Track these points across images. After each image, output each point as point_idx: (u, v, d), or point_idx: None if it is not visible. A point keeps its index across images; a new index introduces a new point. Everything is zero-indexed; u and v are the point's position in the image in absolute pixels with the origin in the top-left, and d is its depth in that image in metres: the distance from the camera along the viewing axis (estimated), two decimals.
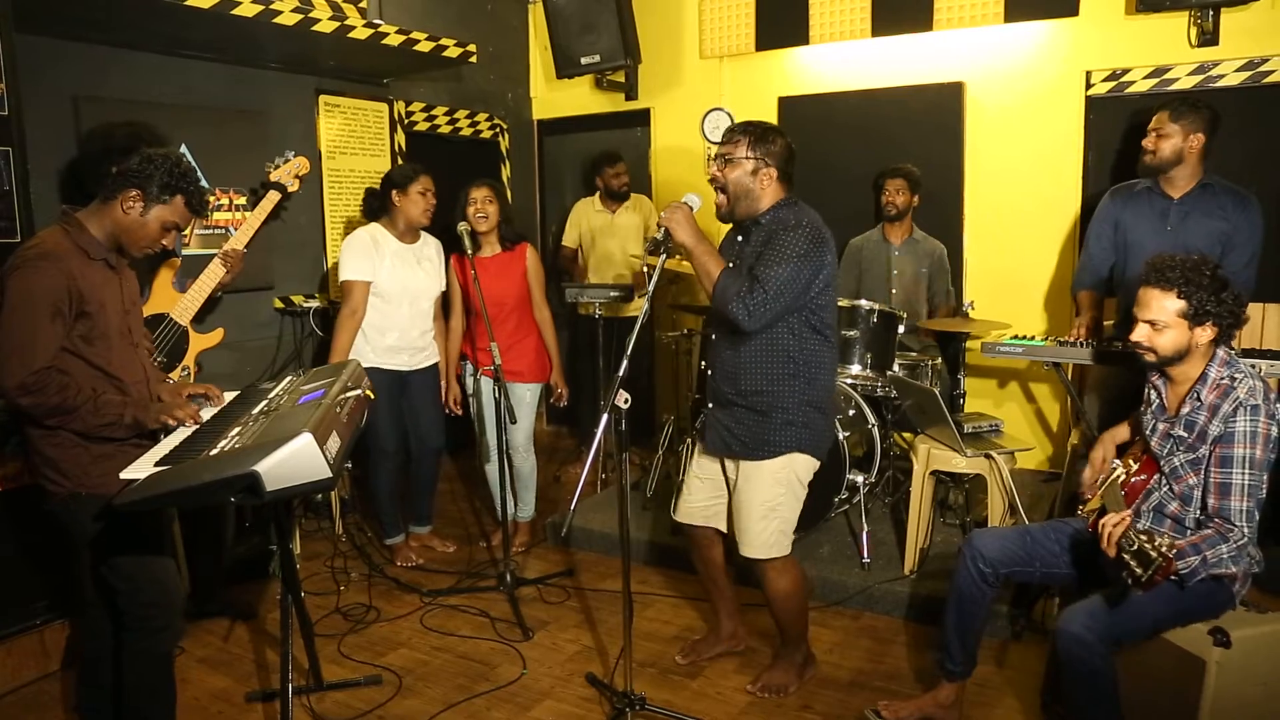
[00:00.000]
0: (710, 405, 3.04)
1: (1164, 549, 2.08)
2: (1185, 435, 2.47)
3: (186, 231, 2.83)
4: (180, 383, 2.86)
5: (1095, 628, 2.36)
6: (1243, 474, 2.34)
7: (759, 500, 2.92)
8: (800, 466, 2.94)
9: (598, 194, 5.63)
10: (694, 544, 3.26)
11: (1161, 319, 2.45)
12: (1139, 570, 2.09)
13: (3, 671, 3.14)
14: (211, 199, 4.32)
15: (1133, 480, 2.64)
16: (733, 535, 3.07)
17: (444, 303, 4.21)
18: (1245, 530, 2.32)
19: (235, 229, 4.35)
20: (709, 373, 3.05)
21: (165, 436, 2.46)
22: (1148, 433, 2.63)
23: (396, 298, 3.96)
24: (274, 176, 4.11)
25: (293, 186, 4.14)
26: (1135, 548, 2.10)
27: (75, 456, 2.41)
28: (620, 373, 2.59)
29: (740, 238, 2.95)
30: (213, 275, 3.68)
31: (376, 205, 4.02)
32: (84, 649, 2.74)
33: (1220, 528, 2.35)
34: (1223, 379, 2.43)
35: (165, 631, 2.52)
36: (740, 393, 2.90)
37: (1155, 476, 2.58)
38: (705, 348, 3.11)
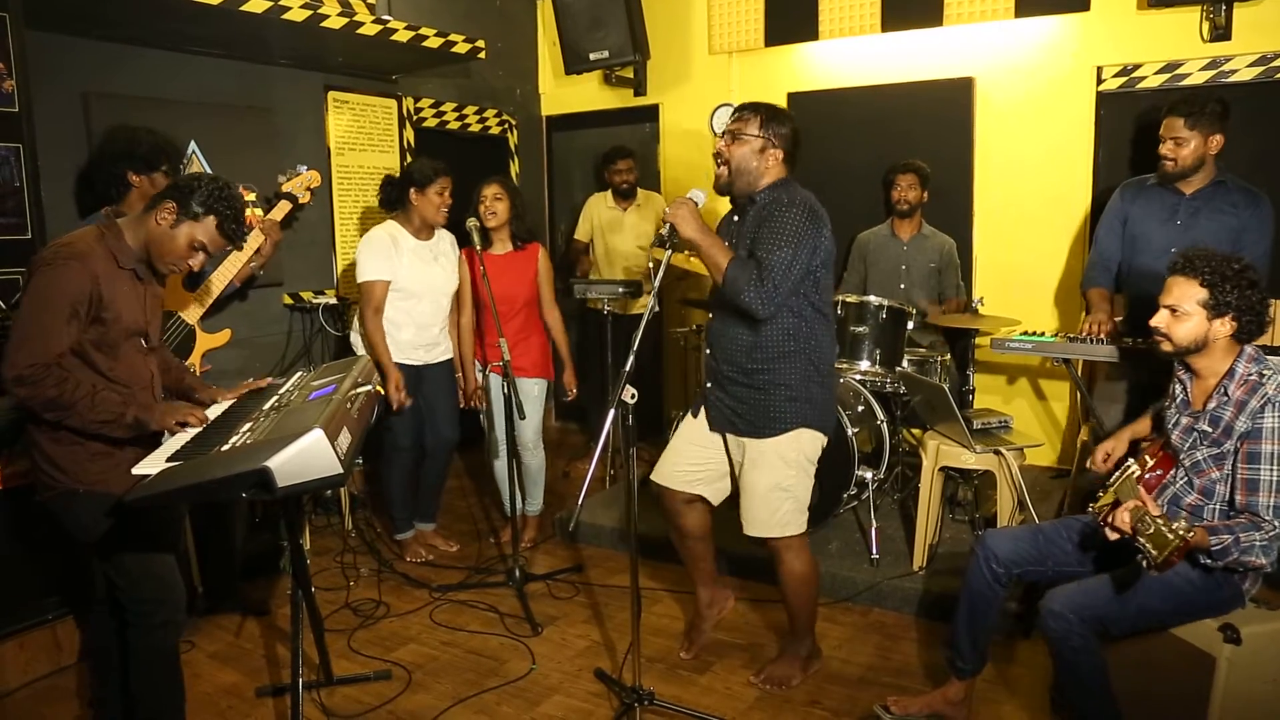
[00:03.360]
0: (710, 384, 3.05)
1: (1181, 530, 2.07)
2: (1210, 430, 2.46)
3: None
4: (217, 389, 2.86)
5: (1073, 607, 2.38)
6: (1272, 470, 2.33)
7: (769, 481, 2.93)
8: (807, 444, 2.96)
9: (610, 189, 5.63)
10: (669, 511, 3.20)
11: (1182, 306, 2.45)
12: (1154, 551, 2.09)
13: (16, 665, 3.16)
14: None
15: (1147, 476, 2.63)
16: (738, 518, 3.06)
17: (455, 297, 4.22)
18: (1277, 524, 2.30)
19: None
20: (708, 352, 3.06)
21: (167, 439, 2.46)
22: (1169, 426, 2.61)
23: (418, 294, 3.98)
24: (286, 188, 4.13)
25: (304, 198, 4.16)
26: (1152, 530, 2.10)
27: (73, 454, 2.41)
28: (627, 368, 2.60)
29: (736, 217, 2.96)
30: (223, 276, 3.69)
31: (395, 196, 4.01)
32: (93, 644, 2.75)
33: (1250, 519, 2.33)
34: (1251, 375, 2.42)
35: (167, 626, 2.53)
36: (743, 371, 2.92)
37: (1173, 471, 2.57)
38: (706, 328, 3.12)
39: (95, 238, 2.42)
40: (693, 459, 3.14)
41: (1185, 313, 2.45)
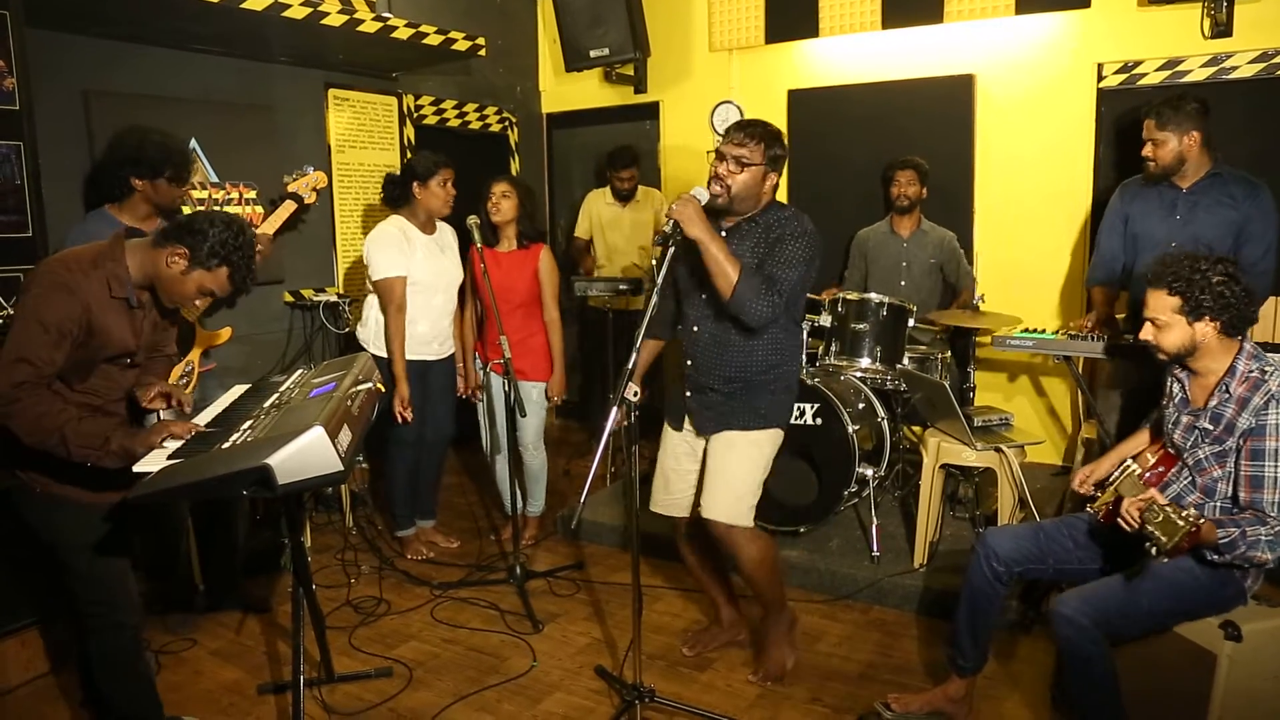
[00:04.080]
0: (689, 394, 3.07)
1: (1190, 517, 2.08)
2: (1211, 428, 2.46)
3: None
4: (169, 386, 2.75)
5: (1087, 611, 2.37)
6: (1275, 467, 2.33)
7: (742, 471, 2.97)
8: (776, 441, 3.05)
9: (609, 187, 5.63)
10: (683, 535, 3.27)
11: (1161, 317, 2.47)
12: (1164, 538, 2.09)
13: (18, 663, 3.17)
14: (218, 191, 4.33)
15: (1148, 475, 2.63)
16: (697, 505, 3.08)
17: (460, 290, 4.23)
18: None
19: None
20: (689, 363, 3.07)
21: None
22: (1169, 426, 2.61)
23: (430, 288, 3.98)
24: (291, 188, 4.13)
25: (310, 199, 4.16)
26: (1161, 518, 2.10)
27: (34, 455, 2.34)
28: (629, 365, 2.60)
29: (723, 231, 2.93)
30: None
31: (397, 193, 4.00)
32: (78, 646, 2.76)
33: (1255, 515, 2.34)
34: (1252, 372, 2.42)
35: (120, 629, 2.52)
36: (726, 380, 2.96)
37: (1175, 469, 2.57)
38: (684, 338, 3.11)
39: (94, 262, 2.37)
40: (686, 480, 3.16)
41: (1165, 323, 2.46)
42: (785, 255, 2.79)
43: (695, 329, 3.02)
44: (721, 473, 2.98)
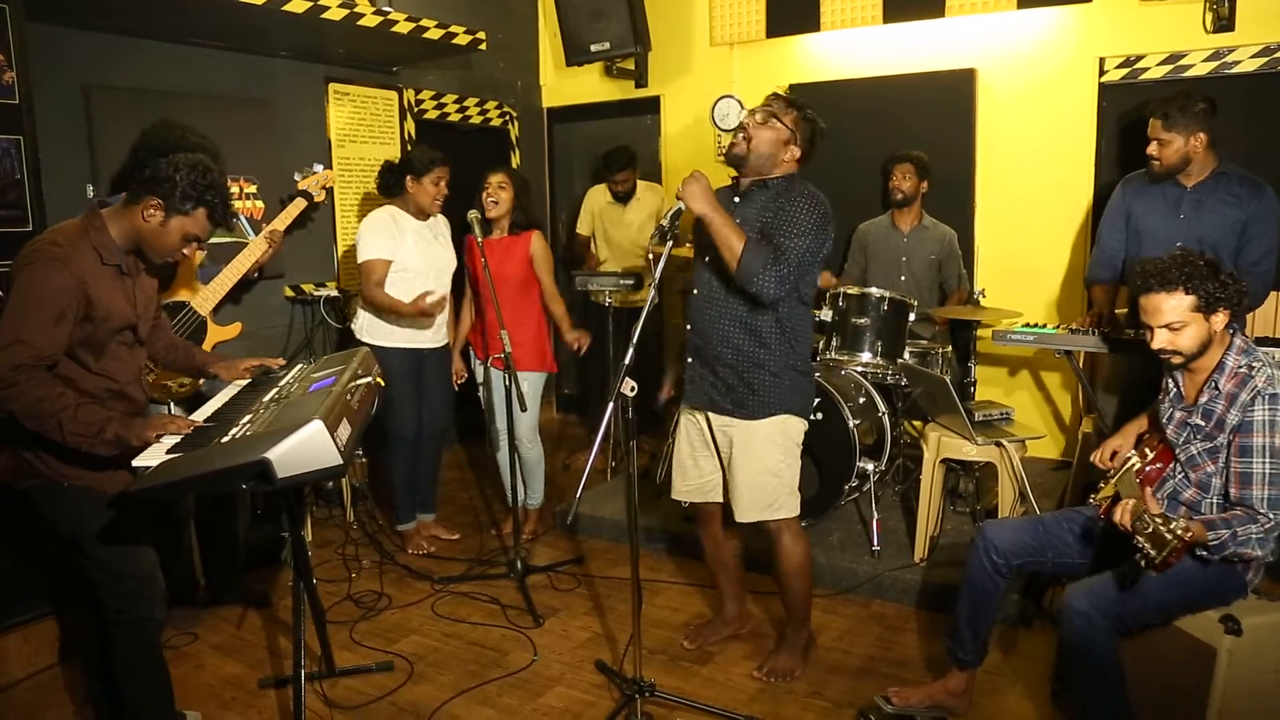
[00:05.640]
0: (690, 360, 3.05)
1: (1179, 531, 2.08)
2: (1203, 424, 2.46)
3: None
4: (236, 359, 2.90)
5: (1098, 604, 2.37)
6: (1264, 463, 2.33)
7: (759, 466, 2.95)
8: (793, 428, 3.00)
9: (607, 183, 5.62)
10: (702, 521, 3.27)
11: (1177, 319, 2.44)
12: (1153, 552, 2.09)
13: (20, 657, 3.17)
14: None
15: (1147, 469, 2.63)
16: (728, 505, 3.07)
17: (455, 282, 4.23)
18: (1272, 516, 2.31)
19: (246, 218, 4.38)
20: (689, 328, 3.05)
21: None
22: (1164, 421, 2.62)
23: (422, 273, 3.99)
24: (302, 185, 4.15)
25: (319, 197, 4.18)
26: (1150, 530, 2.10)
27: (53, 447, 2.33)
28: (626, 360, 2.59)
29: (737, 198, 2.96)
30: (236, 270, 3.70)
31: (391, 182, 4.02)
32: (86, 641, 2.75)
33: (1247, 512, 2.34)
34: (1240, 367, 2.43)
35: (147, 623, 2.52)
36: (732, 348, 2.92)
37: (1171, 464, 2.57)
38: (686, 304, 3.10)
39: (79, 234, 2.36)
40: (701, 469, 3.14)
41: (1181, 323, 2.44)
42: (791, 223, 2.75)
43: (695, 291, 3.02)
44: (743, 474, 2.97)
